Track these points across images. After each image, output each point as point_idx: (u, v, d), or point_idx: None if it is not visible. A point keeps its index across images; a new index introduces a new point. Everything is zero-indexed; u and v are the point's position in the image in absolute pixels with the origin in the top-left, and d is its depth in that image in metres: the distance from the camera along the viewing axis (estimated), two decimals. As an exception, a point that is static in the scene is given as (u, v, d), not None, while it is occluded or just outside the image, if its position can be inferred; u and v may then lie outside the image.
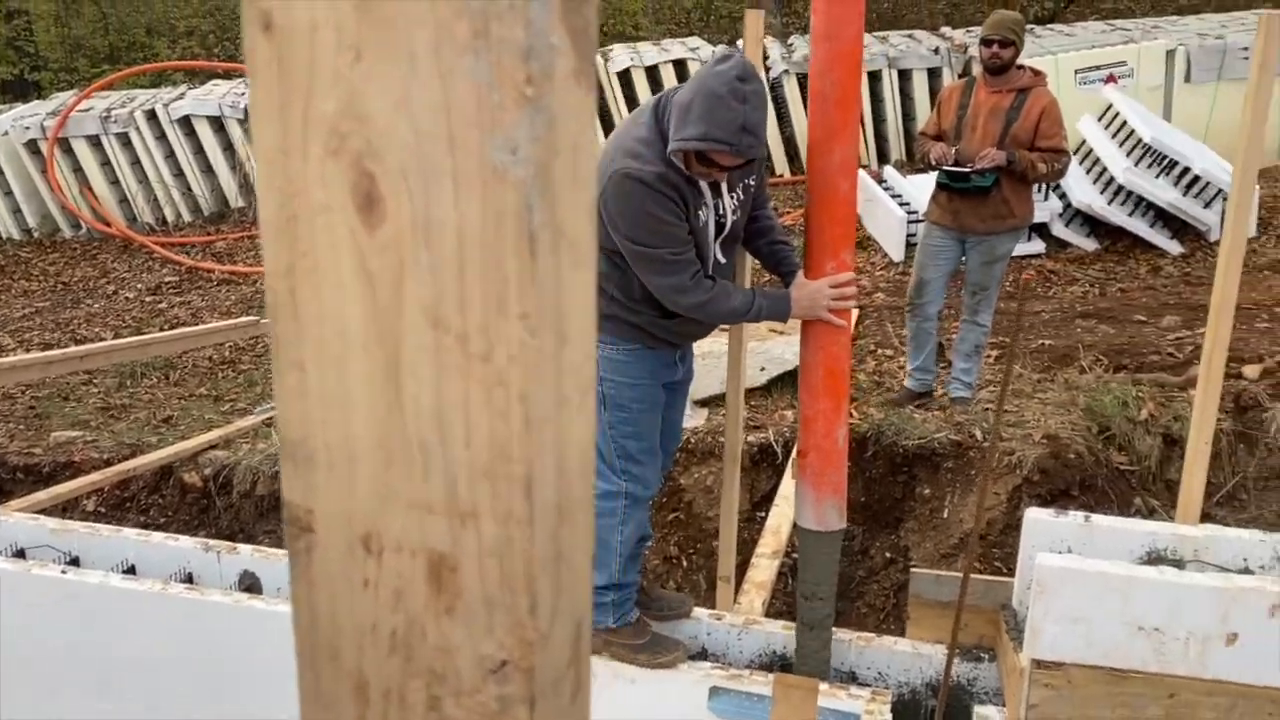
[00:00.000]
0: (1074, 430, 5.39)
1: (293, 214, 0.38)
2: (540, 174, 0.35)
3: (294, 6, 0.36)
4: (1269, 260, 7.97)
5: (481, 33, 0.34)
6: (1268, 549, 2.95)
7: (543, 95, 0.34)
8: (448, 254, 0.36)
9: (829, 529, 2.97)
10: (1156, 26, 10.15)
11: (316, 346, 0.39)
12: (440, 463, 0.39)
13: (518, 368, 0.37)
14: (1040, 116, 4.80)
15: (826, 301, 2.76)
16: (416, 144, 0.36)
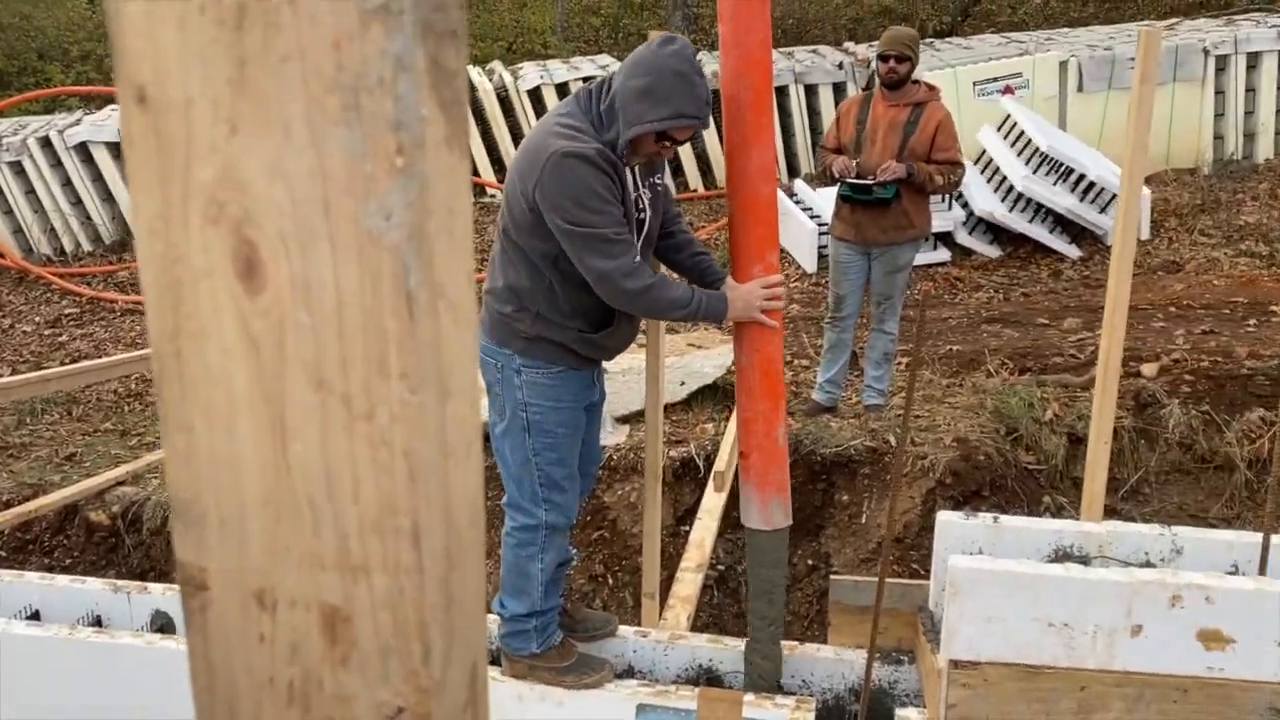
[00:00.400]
0: (983, 432, 5.54)
1: (175, 279, 0.39)
2: (415, 237, 0.36)
3: (169, 82, 0.37)
4: (1162, 261, 8.29)
5: (352, 106, 0.35)
6: (1166, 542, 3.07)
7: (414, 164, 0.36)
8: (328, 317, 0.38)
9: (776, 527, 3.02)
10: (1049, 39, 10.52)
11: (204, 409, 0.40)
12: (329, 518, 0.40)
13: (400, 425, 0.38)
14: (936, 130, 4.96)
15: (759, 303, 2.82)
16: (294, 211, 0.37)
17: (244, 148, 0.37)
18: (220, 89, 0.36)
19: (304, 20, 0.34)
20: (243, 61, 0.36)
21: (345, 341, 0.38)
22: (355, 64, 0.35)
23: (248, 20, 0.35)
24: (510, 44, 13.15)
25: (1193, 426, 5.71)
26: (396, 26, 0.34)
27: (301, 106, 0.36)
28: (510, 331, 2.82)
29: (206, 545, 0.42)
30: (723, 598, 5.40)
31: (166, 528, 5.34)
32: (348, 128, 0.36)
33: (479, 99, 9.99)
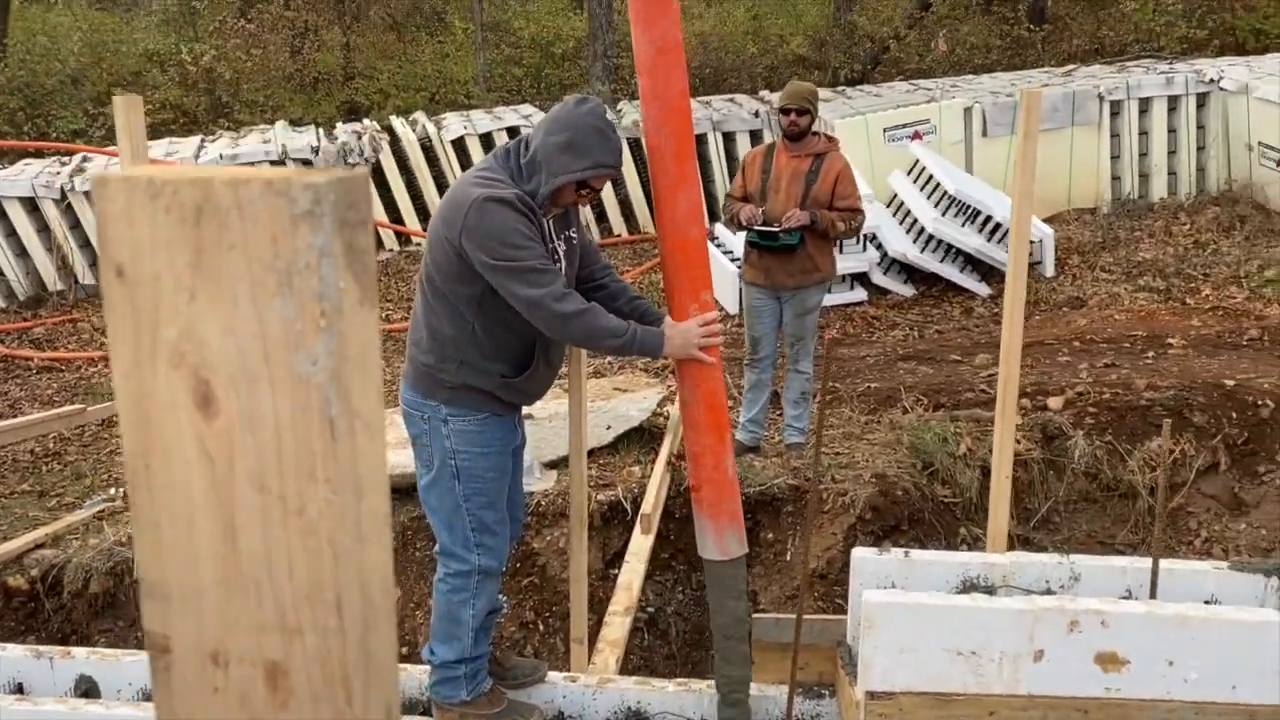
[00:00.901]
0: (900, 468, 5.73)
1: (145, 411, 0.48)
2: (335, 377, 0.47)
3: (142, 261, 0.46)
4: (1067, 297, 8.65)
5: (286, 283, 0.46)
6: (1065, 570, 3.24)
7: (334, 323, 0.46)
8: (268, 438, 0.48)
9: (732, 556, 3.12)
10: (955, 86, 10.96)
11: (168, 509, 0.50)
12: (270, 593, 0.49)
13: (325, 519, 0.48)
14: (837, 179, 5.21)
15: (697, 340, 2.95)
16: (241, 359, 0.47)
17: (201, 312, 0.47)
18: (182, 268, 0.46)
19: (248, 221, 0.45)
20: (199, 249, 0.46)
21: (282, 456, 0.48)
22: (288, 253, 0.45)
23: (204, 219, 0.45)
24: (434, 94, 13.26)
25: (1097, 456, 5.98)
26: (319, 225, 0.45)
27: (246, 283, 0.46)
28: (435, 383, 2.92)
29: (170, 617, 0.51)
30: (653, 639, 5.48)
31: (89, 590, 5.26)
32: (283, 298, 0.46)
33: (403, 149, 10.08)
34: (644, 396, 6.08)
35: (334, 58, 14.38)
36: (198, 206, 0.46)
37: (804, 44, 14.26)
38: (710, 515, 3.09)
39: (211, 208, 0.46)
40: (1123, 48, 13.34)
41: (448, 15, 16.69)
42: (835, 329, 8.38)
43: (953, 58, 13.16)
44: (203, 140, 10.80)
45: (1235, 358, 6.92)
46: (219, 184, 0.46)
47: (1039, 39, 13.74)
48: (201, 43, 14.16)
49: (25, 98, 13.47)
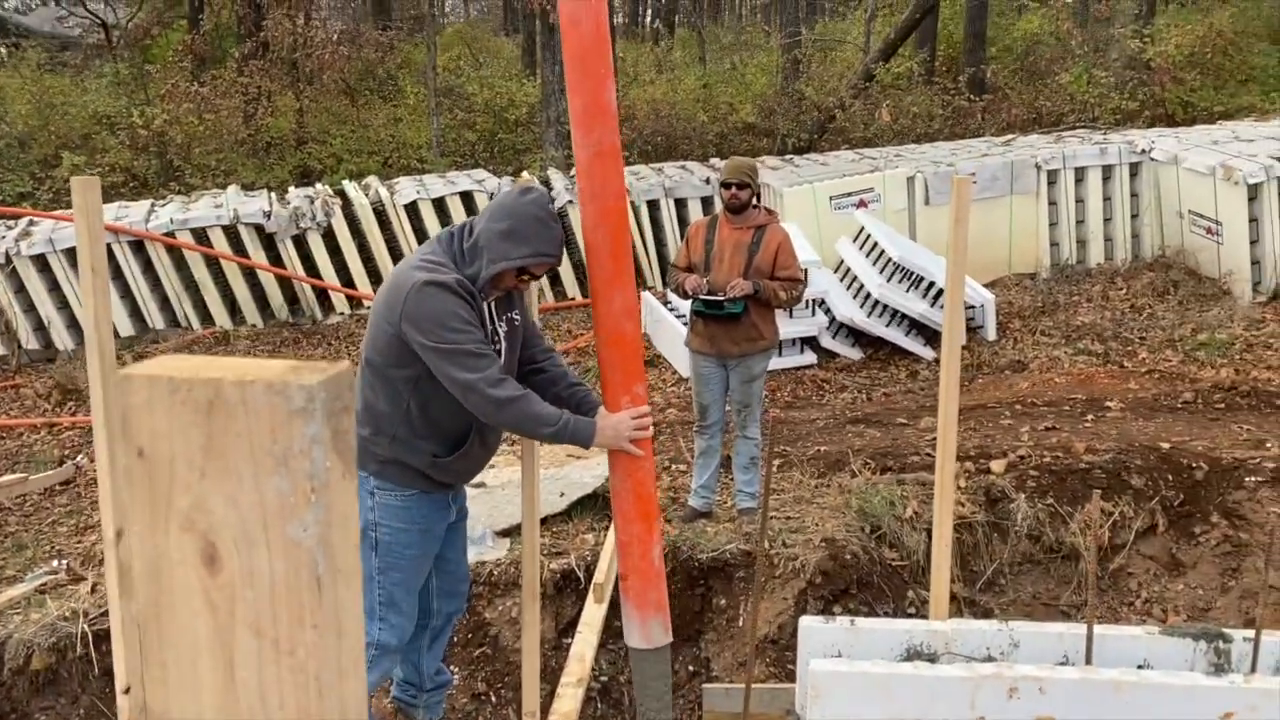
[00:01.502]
0: (849, 531, 5.83)
1: (158, 567, 0.56)
2: (322, 541, 0.55)
3: (159, 443, 0.55)
4: (1009, 361, 8.89)
5: (282, 464, 0.54)
6: (1005, 637, 3.34)
7: (321, 496, 0.55)
8: (265, 591, 0.56)
9: (656, 645, 3.17)
10: (899, 155, 11.30)
11: (175, 650, 0.57)
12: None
13: (312, 658, 0.56)
14: (777, 250, 5.41)
15: (628, 432, 3.03)
16: (242, 526, 0.55)
17: (209, 487, 0.55)
18: (194, 450, 0.55)
19: (251, 414, 0.53)
20: (210, 434, 0.54)
21: (275, 606, 0.56)
22: (285, 440, 0.54)
23: (214, 411, 0.54)
24: (387, 159, 13.39)
25: (1039, 519, 6.13)
26: (311, 418, 0.53)
27: (249, 464, 0.54)
28: (366, 454, 2.99)
29: (174, 745, 0.58)
30: (606, 709, 5.48)
31: (30, 667, 5.16)
32: (279, 476, 0.54)
33: (355, 213, 10.15)
34: (597, 463, 6.14)
35: (287, 122, 14.48)
36: (209, 401, 0.54)
37: (753, 112, 14.63)
38: (636, 605, 3.17)
39: (221, 403, 0.54)
40: (1059, 118, 13.84)
41: (401, 81, 16.89)
42: (786, 392, 8.53)
43: (896, 126, 13.56)
44: (153, 204, 10.80)
45: (1171, 420, 7.15)
46: (228, 384, 0.54)
47: (979, 109, 14.22)
48: (153, 106, 14.19)
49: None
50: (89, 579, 5.63)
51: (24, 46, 20.58)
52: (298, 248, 9.98)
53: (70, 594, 5.52)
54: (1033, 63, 15.94)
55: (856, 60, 15.79)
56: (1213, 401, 7.34)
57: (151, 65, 16.92)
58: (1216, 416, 7.14)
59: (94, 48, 19.75)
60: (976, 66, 14.83)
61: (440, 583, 3.16)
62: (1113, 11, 14.99)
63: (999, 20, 17.43)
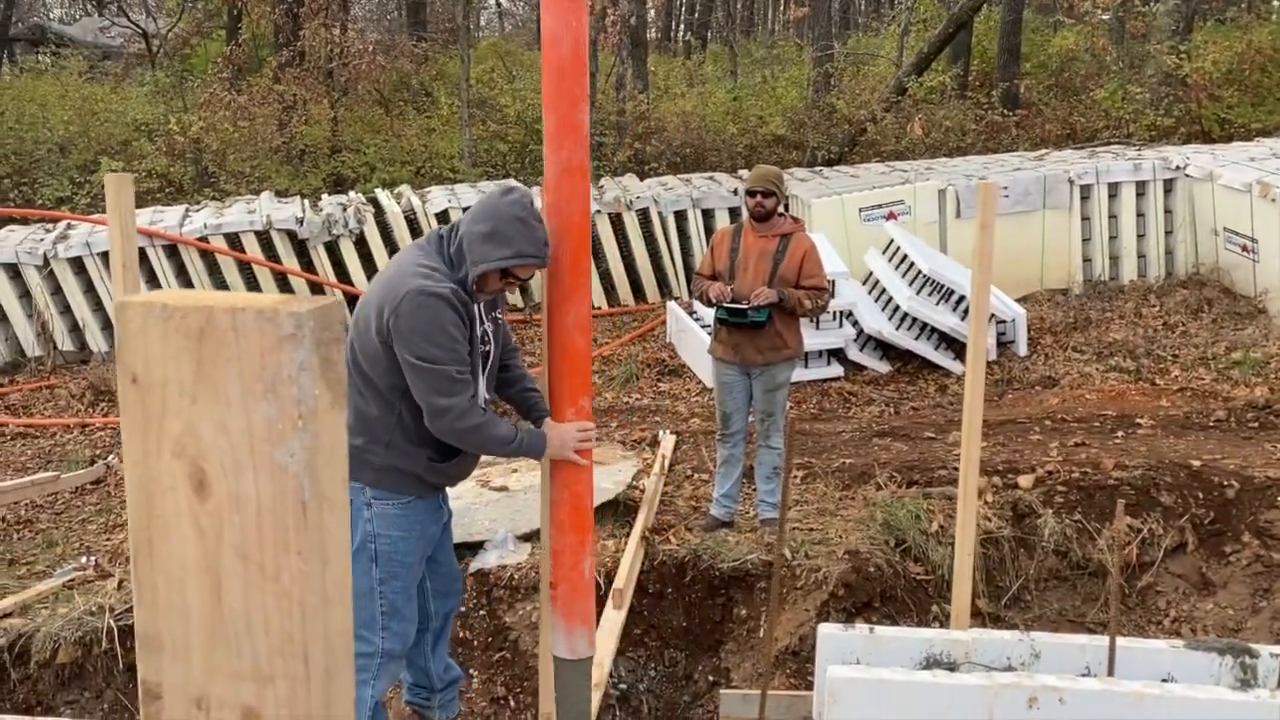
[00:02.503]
0: (873, 544, 5.79)
1: (150, 491, 0.57)
2: (308, 467, 0.56)
3: (152, 370, 0.56)
4: (1039, 377, 8.81)
5: (271, 389, 0.55)
6: (1025, 648, 3.31)
7: (309, 424, 0.56)
8: (251, 516, 0.57)
9: (580, 657, 3.18)
10: (930, 168, 11.25)
11: (165, 573, 0.58)
12: (248, 646, 0.58)
13: (297, 584, 0.57)
14: (803, 259, 5.39)
15: (574, 443, 3.04)
16: (231, 451, 0.56)
17: (200, 413, 0.56)
18: (186, 376, 0.56)
19: (242, 340, 0.55)
20: (200, 361, 0.56)
21: (262, 531, 0.57)
22: (274, 366, 0.55)
23: (205, 337, 0.55)
24: (419, 168, 13.50)
25: (1067, 535, 6.06)
26: (300, 345, 0.55)
27: (239, 389, 0.56)
28: (360, 463, 2.98)
29: (162, 667, 0.60)
30: (625, 715, 5.47)
31: (56, 660, 5.22)
32: (267, 402, 0.55)
33: (387, 221, 10.25)
34: (618, 469, 6.15)
35: (321, 131, 14.64)
36: (201, 328, 0.56)
37: (783, 125, 14.63)
38: (563, 614, 3.18)
39: (212, 329, 0.56)
40: (1093, 134, 13.74)
41: (435, 92, 17.04)
42: (812, 404, 8.50)
43: (928, 140, 13.52)
44: (188, 209, 10.94)
45: (1203, 438, 7.06)
46: (219, 311, 0.55)
47: (1013, 123, 14.15)
48: (190, 113, 14.40)
49: (12, 165, 13.63)
50: (116, 575, 5.70)
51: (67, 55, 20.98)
52: (330, 254, 10.08)
53: (97, 590, 5.58)
54: (1067, 79, 15.84)
55: (889, 74, 15.76)
56: (1245, 420, 7.24)
57: (191, 75, 17.18)
58: (1249, 435, 7.04)
59: (135, 57, 20.09)
60: (1010, 81, 14.75)
61: (434, 584, 3.17)
62: (1149, 28, 14.88)
63: (1033, 36, 17.35)
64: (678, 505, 6.35)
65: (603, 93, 14.79)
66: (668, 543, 5.78)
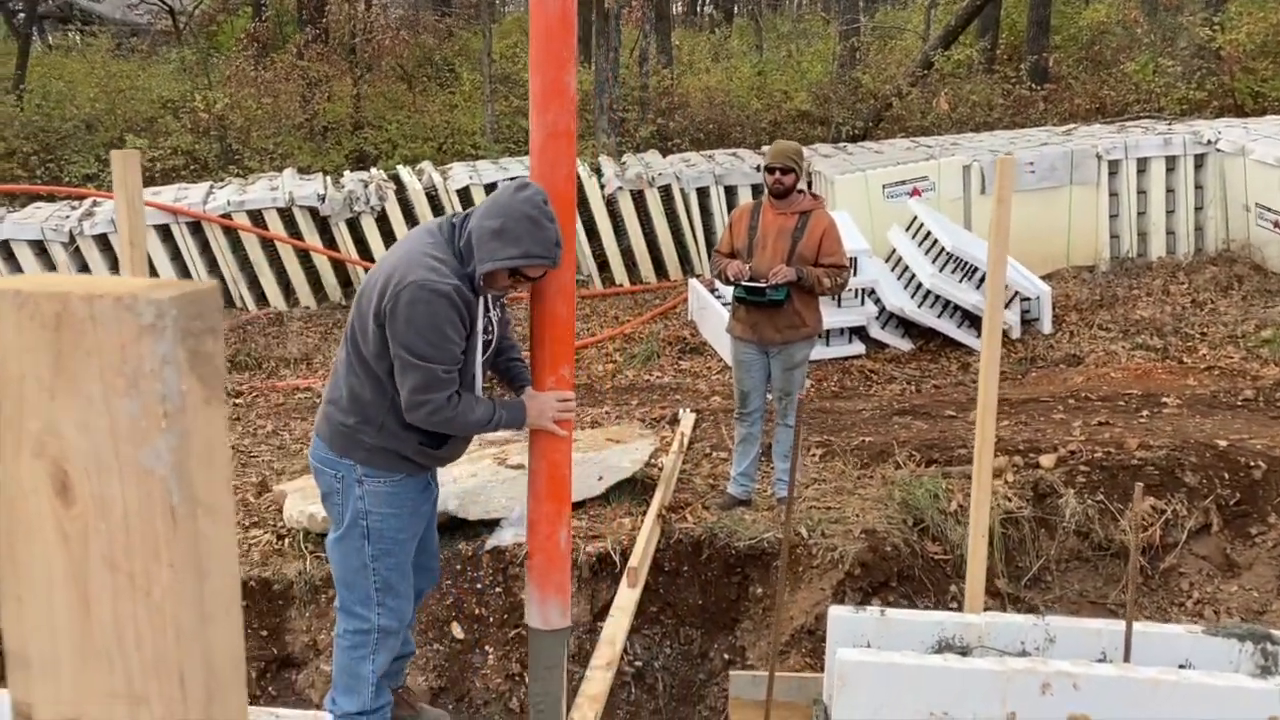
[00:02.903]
0: (891, 524, 5.73)
1: (10, 495, 0.53)
2: (177, 470, 0.52)
3: (8, 362, 0.52)
4: (1064, 354, 8.69)
5: (133, 385, 0.51)
6: (1040, 632, 3.25)
7: (176, 422, 0.51)
8: (118, 522, 0.53)
9: (553, 627, 3.17)
10: (955, 144, 11.08)
11: (29, 584, 0.54)
12: (121, 664, 0.54)
13: (169, 598, 0.53)
14: (822, 236, 5.29)
15: (552, 413, 3.02)
16: (94, 451, 0.52)
17: (60, 409, 0.52)
18: (43, 369, 0.52)
19: (100, 329, 0.50)
20: (59, 352, 0.51)
21: (130, 538, 0.53)
22: (134, 359, 0.50)
23: (63, 326, 0.50)
24: (441, 144, 13.45)
25: (1089, 515, 5.97)
26: (162, 336, 0.50)
27: (99, 384, 0.51)
28: (353, 442, 2.95)
29: (31, 685, 0.56)
30: (640, 693, 5.46)
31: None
32: (130, 399, 0.51)
33: (409, 198, 10.22)
34: (635, 447, 6.11)
35: (344, 107, 14.62)
36: (57, 315, 0.51)
37: (807, 100, 14.45)
38: (538, 584, 3.17)
39: (69, 317, 0.51)
40: (1123, 108, 13.48)
41: (457, 67, 16.97)
42: (832, 382, 8.42)
43: (955, 115, 13.32)
44: (211, 186, 10.96)
45: (1230, 418, 6.94)
46: (75, 298, 0.51)
47: (1041, 98, 13.91)
48: (215, 90, 14.41)
49: (40, 142, 13.71)
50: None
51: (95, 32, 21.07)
52: (351, 231, 10.07)
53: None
54: (1097, 52, 15.54)
55: (915, 48, 15.53)
56: (1274, 399, 7.11)
57: (216, 52, 17.20)
58: (1278, 415, 6.90)
59: (161, 34, 20.13)
60: (1039, 55, 14.49)
61: (415, 559, 3.16)
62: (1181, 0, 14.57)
63: (1063, 9, 17.02)
64: (696, 483, 6.31)
65: (626, 68, 14.67)
66: (684, 521, 5.74)
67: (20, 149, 13.44)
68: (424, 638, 5.29)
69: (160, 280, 0.52)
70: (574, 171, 2.98)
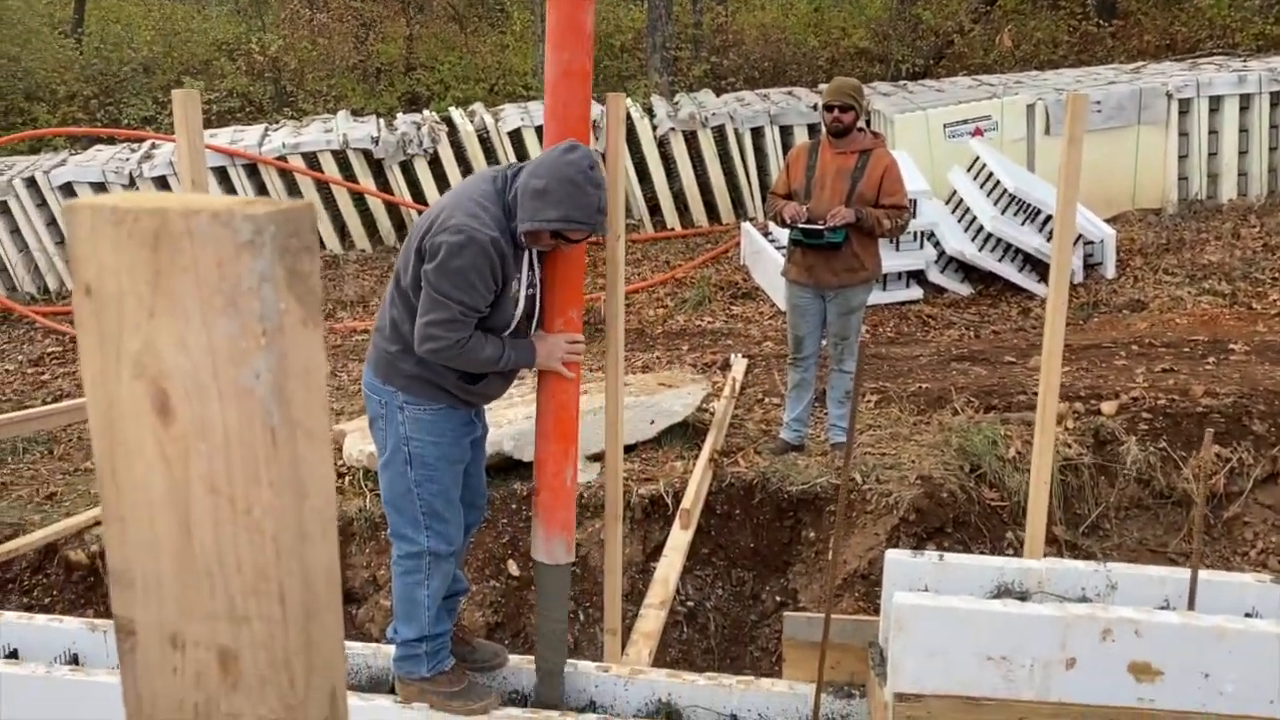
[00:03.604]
0: (948, 470, 5.68)
1: (111, 417, 0.53)
2: (276, 390, 0.51)
3: (107, 281, 0.51)
4: (1127, 300, 8.50)
5: (231, 303, 0.50)
6: (1101, 578, 3.21)
7: (274, 341, 0.51)
8: (218, 443, 0.52)
9: (558, 563, 3.20)
10: (1019, 82, 10.79)
11: (132, 506, 0.54)
12: (221, 584, 0.54)
13: (269, 518, 0.53)
14: (883, 176, 5.17)
15: (561, 354, 3.05)
16: (193, 372, 0.52)
17: (159, 328, 0.52)
18: (142, 287, 0.51)
19: (198, 247, 0.49)
20: (157, 271, 0.51)
21: (230, 461, 0.53)
22: (233, 276, 0.50)
23: (160, 243, 0.50)
24: (492, 85, 13.38)
25: (1150, 463, 5.87)
26: (260, 253, 0.49)
27: (197, 303, 0.51)
28: (394, 370, 3.01)
29: (133, 603, 0.56)
30: (692, 633, 5.51)
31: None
32: (228, 317, 0.50)
33: (461, 140, 10.20)
34: (688, 392, 6.10)
35: (397, 49, 14.58)
36: (155, 233, 0.51)
37: (866, 37, 14.13)
38: (544, 521, 3.21)
39: (167, 234, 0.50)
40: (1195, 44, 13.02)
41: (508, 7, 16.81)
42: (889, 327, 8.32)
43: (1018, 53, 12.95)
44: (267, 129, 11.03)
45: (1300, 365, 6.76)
46: (174, 214, 0.50)
47: (1108, 34, 13.47)
48: (270, 32, 14.44)
49: (99, 85, 13.86)
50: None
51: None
52: (404, 174, 10.09)
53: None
54: (1170, -15, 14.98)
55: (978, -17, 15.06)
56: (1348, 346, 6.90)
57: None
58: (1352, 362, 6.71)
59: (215, -25, 20.15)
60: (1108, -11, 14.01)
61: (462, 496, 3.20)
62: (1262, -71, 13.94)
63: (1135, -60, 16.39)
64: (748, 428, 6.29)
65: (679, 5, 14.42)
66: (736, 465, 5.74)
67: (80, 92, 13.61)
68: (480, 575, 5.38)
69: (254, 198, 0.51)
70: (588, 111, 2.96)
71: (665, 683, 3.42)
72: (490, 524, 5.50)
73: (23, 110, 13.59)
